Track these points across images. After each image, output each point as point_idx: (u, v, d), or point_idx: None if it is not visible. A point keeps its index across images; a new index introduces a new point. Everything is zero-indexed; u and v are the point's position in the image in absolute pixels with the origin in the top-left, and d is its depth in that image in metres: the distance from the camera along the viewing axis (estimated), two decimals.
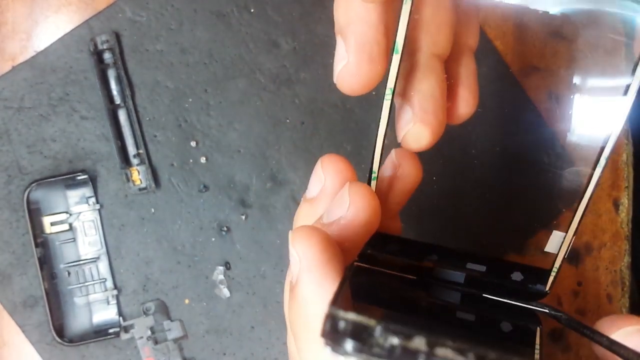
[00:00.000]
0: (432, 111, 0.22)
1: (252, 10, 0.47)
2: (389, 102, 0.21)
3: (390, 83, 0.21)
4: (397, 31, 0.20)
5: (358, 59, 0.21)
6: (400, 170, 0.24)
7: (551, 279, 0.22)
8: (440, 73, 0.22)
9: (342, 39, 0.21)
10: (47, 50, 0.45)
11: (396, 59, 0.20)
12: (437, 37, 0.22)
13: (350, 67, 0.21)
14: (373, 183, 0.23)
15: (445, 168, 0.46)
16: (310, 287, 0.18)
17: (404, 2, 0.20)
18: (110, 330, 0.44)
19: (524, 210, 0.48)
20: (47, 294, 0.43)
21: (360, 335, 0.15)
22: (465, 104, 0.23)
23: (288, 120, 0.47)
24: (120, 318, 0.45)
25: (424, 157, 0.24)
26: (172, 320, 0.45)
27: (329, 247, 0.19)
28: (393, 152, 0.24)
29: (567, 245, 0.22)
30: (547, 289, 0.22)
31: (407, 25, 0.20)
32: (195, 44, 0.46)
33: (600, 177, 0.21)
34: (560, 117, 0.47)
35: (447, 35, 0.23)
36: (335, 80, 0.22)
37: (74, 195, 0.45)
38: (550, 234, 0.22)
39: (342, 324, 0.15)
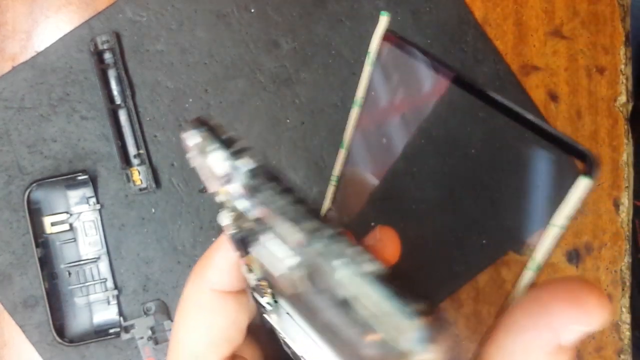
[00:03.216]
0: None
1: (252, 11, 0.47)
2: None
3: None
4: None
5: None
6: (380, 247, 0.24)
7: None
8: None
9: None
10: (48, 50, 0.45)
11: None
12: None
13: None
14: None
15: (445, 167, 0.46)
16: (217, 243, 0.23)
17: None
18: (111, 331, 0.44)
19: (523, 209, 0.48)
20: (47, 294, 0.43)
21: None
22: None
23: (288, 120, 0.47)
24: (121, 318, 0.45)
25: (424, 159, 0.24)
26: (172, 320, 0.45)
27: None
28: (377, 228, 0.25)
29: None
30: None
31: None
32: (196, 44, 0.46)
33: None
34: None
35: None
36: None
37: (74, 195, 0.45)
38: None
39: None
